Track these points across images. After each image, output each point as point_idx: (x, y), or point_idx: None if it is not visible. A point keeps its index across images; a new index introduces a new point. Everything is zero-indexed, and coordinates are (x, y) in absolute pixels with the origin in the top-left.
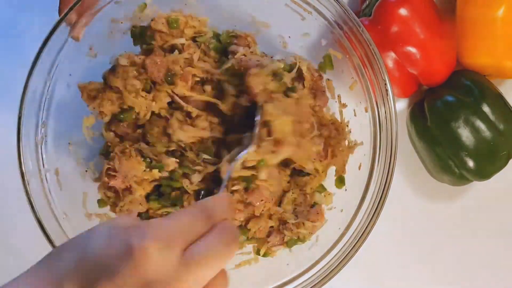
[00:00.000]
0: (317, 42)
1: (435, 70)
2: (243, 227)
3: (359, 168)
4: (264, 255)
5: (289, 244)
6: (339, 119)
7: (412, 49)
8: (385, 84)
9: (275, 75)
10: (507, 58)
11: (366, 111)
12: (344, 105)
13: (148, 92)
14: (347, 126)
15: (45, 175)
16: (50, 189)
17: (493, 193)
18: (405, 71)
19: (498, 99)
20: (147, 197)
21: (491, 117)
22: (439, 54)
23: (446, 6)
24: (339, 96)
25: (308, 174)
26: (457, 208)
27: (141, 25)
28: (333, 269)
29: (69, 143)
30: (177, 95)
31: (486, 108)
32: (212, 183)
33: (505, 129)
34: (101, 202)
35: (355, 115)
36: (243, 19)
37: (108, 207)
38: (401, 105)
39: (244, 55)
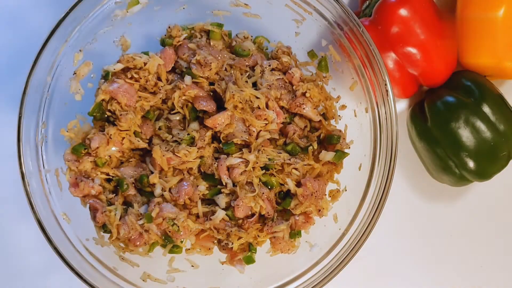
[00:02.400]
0: (318, 42)
1: (436, 70)
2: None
3: (359, 169)
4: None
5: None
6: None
7: (413, 50)
8: (385, 84)
9: None
10: (507, 58)
11: (367, 111)
12: (344, 106)
13: None
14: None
15: (45, 176)
16: (50, 189)
17: (493, 193)
18: (405, 71)
19: (498, 100)
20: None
21: (492, 117)
22: (440, 54)
23: (446, 7)
24: (338, 97)
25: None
26: (457, 209)
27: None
28: (333, 270)
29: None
30: None
31: (486, 109)
32: None
33: (506, 130)
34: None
35: (355, 115)
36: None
37: None
38: (402, 105)
39: None
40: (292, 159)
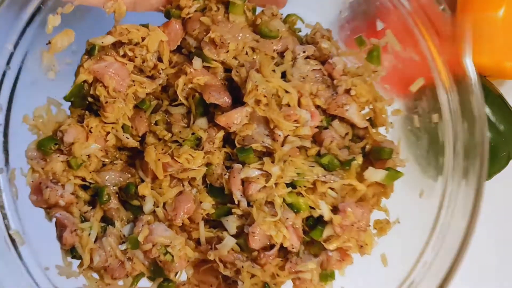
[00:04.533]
0: (368, 25)
1: None
2: None
3: (421, 195)
4: None
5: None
6: None
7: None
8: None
9: None
10: (507, 59)
11: (433, 120)
12: (399, 111)
13: None
14: None
15: None
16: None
17: (493, 193)
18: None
19: (498, 100)
20: None
21: (492, 117)
22: None
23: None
24: (392, 99)
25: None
26: None
27: None
28: None
29: None
30: None
31: (486, 109)
32: None
33: (506, 130)
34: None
35: (415, 124)
36: None
37: None
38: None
39: None
40: (328, 176)
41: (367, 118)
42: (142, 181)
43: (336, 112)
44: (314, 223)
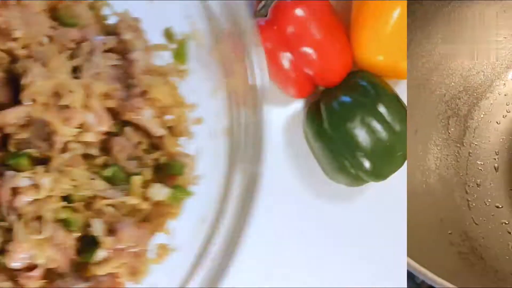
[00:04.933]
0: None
1: (331, 70)
2: None
3: (203, 221)
4: None
5: None
6: None
7: (308, 50)
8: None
9: None
10: (402, 58)
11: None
12: (200, 120)
13: None
14: None
15: None
16: None
17: (389, 193)
18: (301, 71)
19: (394, 100)
20: None
21: (387, 117)
22: (335, 55)
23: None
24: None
25: None
26: (352, 209)
27: None
28: None
29: None
30: None
31: (382, 109)
32: None
33: (401, 130)
34: None
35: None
36: None
37: None
38: (298, 106)
39: None
40: (110, 191)
41: (169, 125)
42: None
43: (127, 116)
44: (89, 243)
